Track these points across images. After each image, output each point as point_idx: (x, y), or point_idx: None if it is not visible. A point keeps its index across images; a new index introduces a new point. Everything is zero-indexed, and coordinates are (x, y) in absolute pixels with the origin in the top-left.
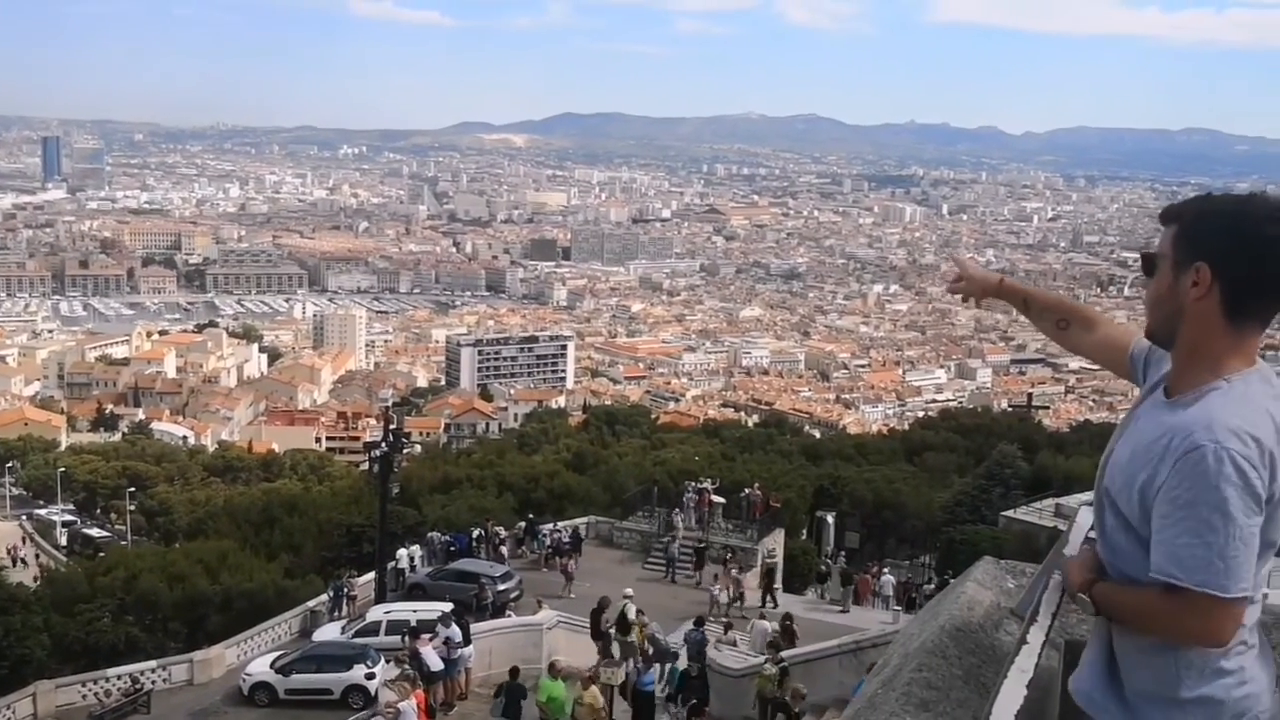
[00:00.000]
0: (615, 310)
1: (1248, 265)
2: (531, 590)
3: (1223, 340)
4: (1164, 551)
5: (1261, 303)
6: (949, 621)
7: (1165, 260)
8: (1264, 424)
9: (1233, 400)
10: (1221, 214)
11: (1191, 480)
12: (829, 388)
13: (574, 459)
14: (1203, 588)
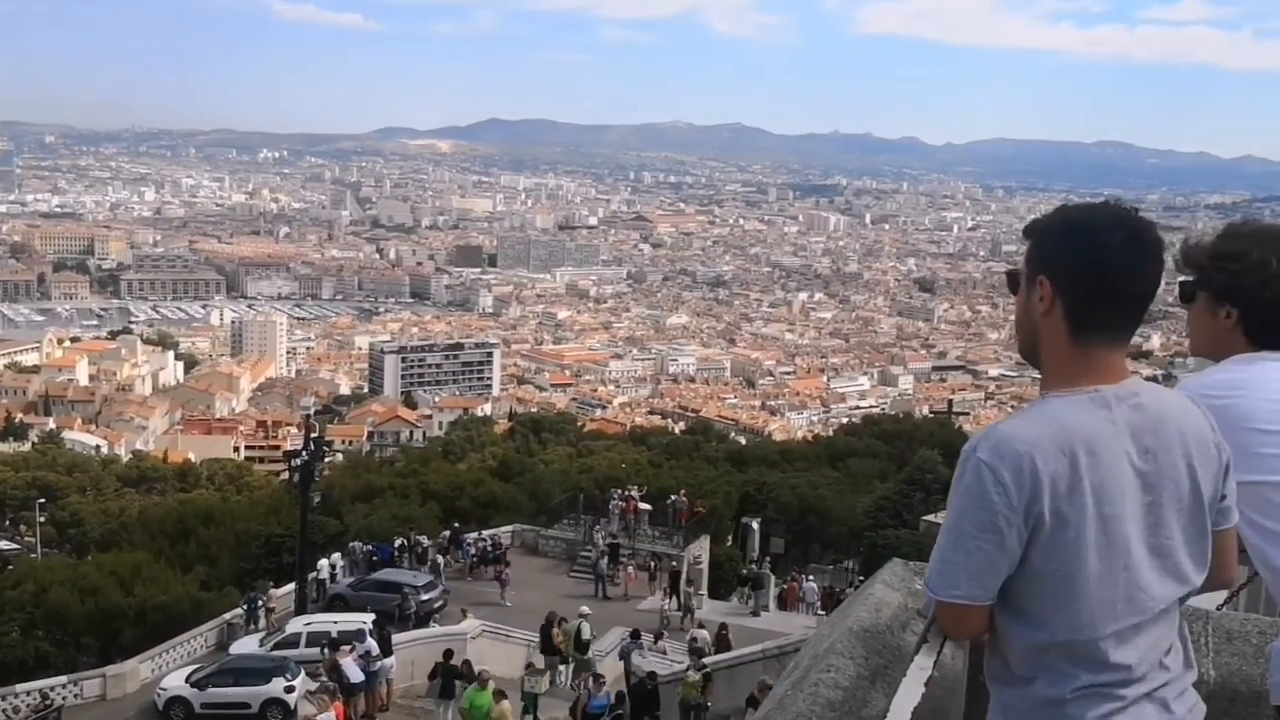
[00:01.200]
0: (541, 317)
1: (1087, 276)
2: (458, 600)
3: (1069, 357)
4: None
5: (1105, 315)
6: (857, 623)
7: (1023, 276)
8: (1045, 443)
9: (1029, 416)
10: (1064, 225)
11: (952, 486)
12: (755, 395)
13: (500, 467)
14: (926, 584)
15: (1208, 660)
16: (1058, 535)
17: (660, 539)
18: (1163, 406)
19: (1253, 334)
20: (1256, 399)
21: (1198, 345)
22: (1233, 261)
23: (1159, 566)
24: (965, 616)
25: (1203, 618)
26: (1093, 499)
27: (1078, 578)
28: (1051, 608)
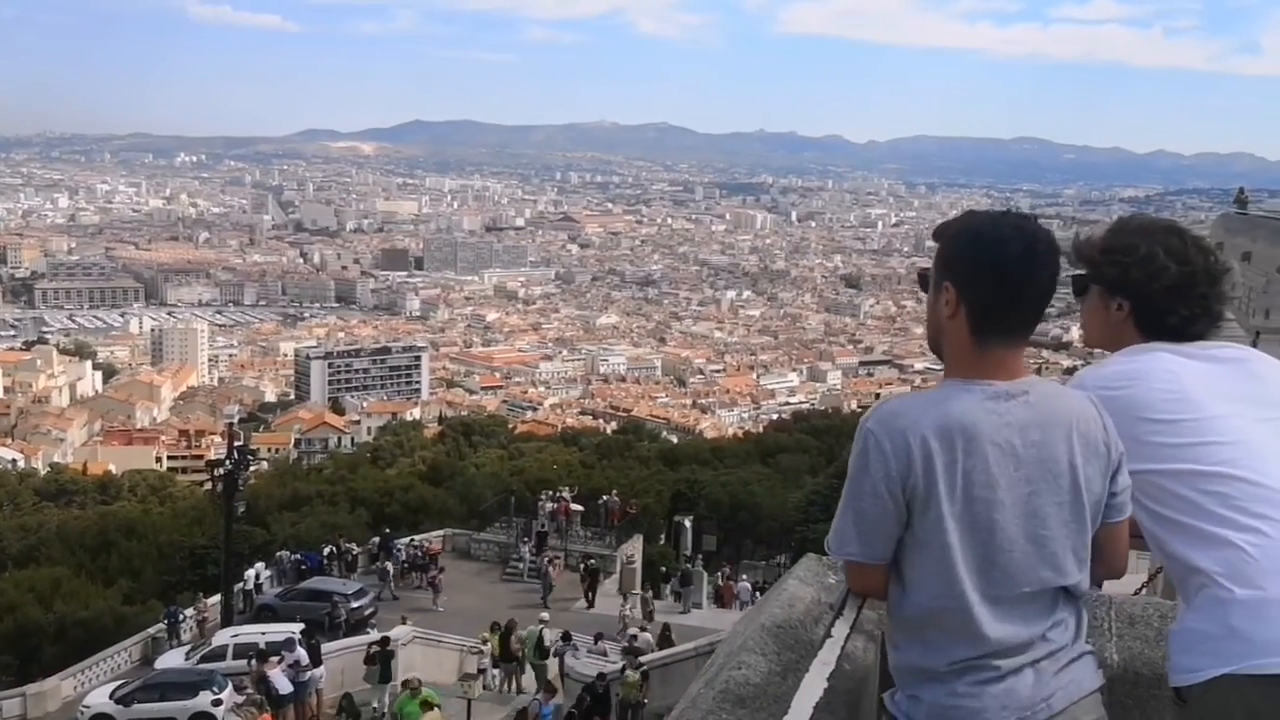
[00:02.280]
0: (470, 320)
1: (988, 284)
2: (388, 607)
3: (970, 356)
4: None
5: (1004, 318)
6: (769, 619)
7: (930, 278)
8: (927, 421)
9: (921, 396)
10: (967, 233)
11: (851, 454)
12: (685, 393)
13: (429, 471)
14: (825, 543)
15: (1111, 644)
16: (929, 509)
17: (593, 540)
18: (1052, 404)
19: (1144, 325)
20: (1148, 389)
21: (1092, 338)
22: (1123, 255)
23: (1035, 554)
24: (861, 574)
25: (1106, 602)
26: (964, 480)
27: (946, 551)
28: (923, 576)
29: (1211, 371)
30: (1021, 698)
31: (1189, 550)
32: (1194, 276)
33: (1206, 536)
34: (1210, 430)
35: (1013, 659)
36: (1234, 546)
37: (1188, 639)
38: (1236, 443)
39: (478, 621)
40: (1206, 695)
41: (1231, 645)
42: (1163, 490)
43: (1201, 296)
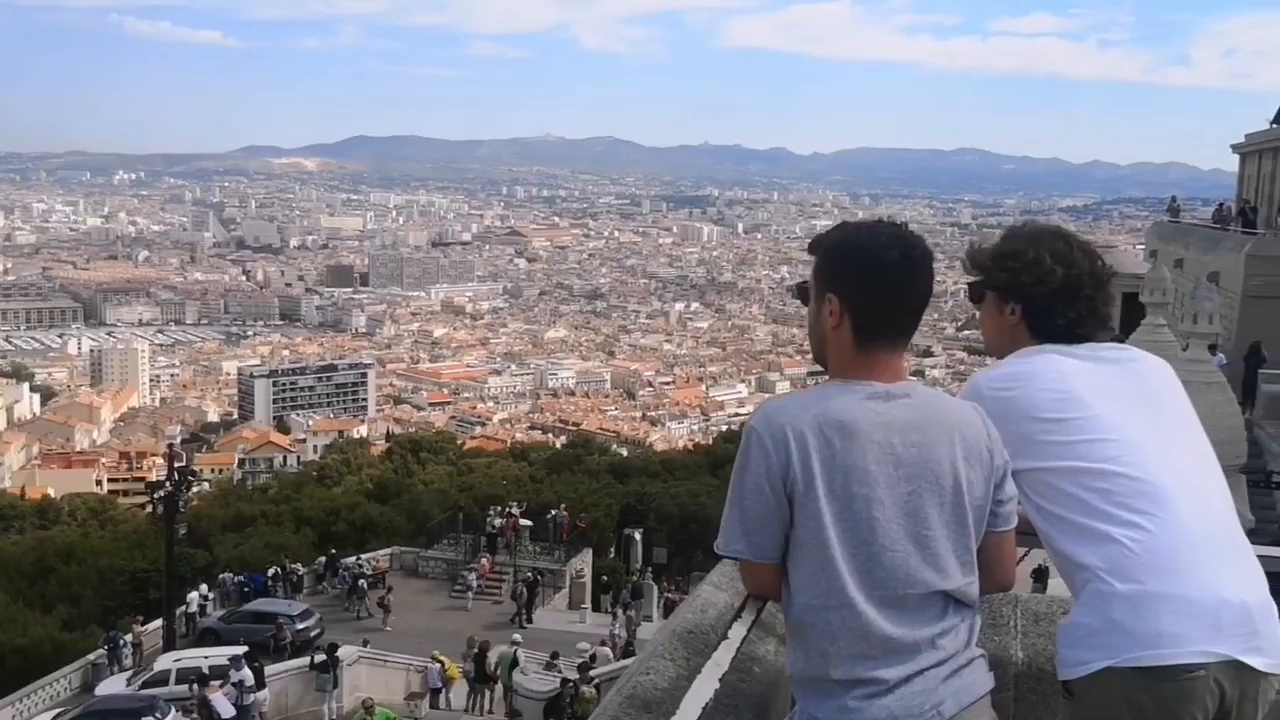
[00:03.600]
0: (417, 336)
1: (870, 293)
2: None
3: (853, 360)
4: None
5: (885, 324)
6: (680, 624)
7: (811, 290)
8: (807, 419)
9: (803, 396)
10: (846, 244)
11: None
12: (635, 406)
13: (376, 489)
14: (716, 545)
15: (1016, 642)
16: (808, 505)
17: (542, 554)
18: (934, 407)
19: (1035, 328)
20: (1038, 389)
21: (989, 342)
22: (1013, 261)
23: (918, 554)
24: (754, 574)
25: (1012, 601)
26: (843, 477)
27: (825, 549)
28: (805, 575)
29: (1097, 371)
30: (911, 707)
31: (1075, 546)
32: (1080, 280)
33: (1091, 532)
34: (1095, 428)
35: (900, 667)
36: (1116, 542)
37: (1074, 633)
38: (1120, 440)
39: (427, 640)
40: (1091, 688)
41: (1113, 638)
42: (1051, 487)
43: (1088, 299)
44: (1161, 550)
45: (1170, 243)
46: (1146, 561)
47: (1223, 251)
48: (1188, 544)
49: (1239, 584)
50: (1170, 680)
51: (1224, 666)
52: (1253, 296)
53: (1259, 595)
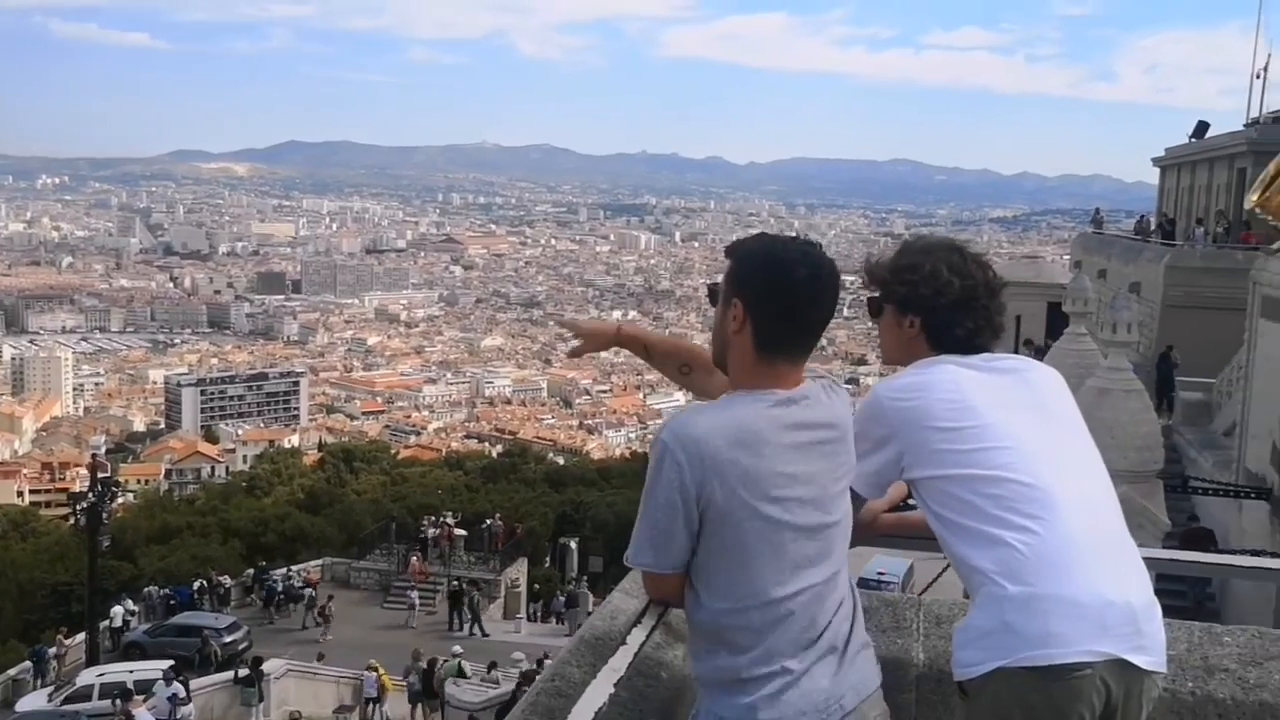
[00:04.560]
0: (350, 344)
1: (774, 304)
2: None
3: (755, 369)
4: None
5: (788, 336)
6: (589, 631)
7: (720, 294)
8: (721, 431)
9: (712, 408)
10: (758, 255)
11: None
12: (572, 414)
13: (307, 499)
14: (626, 557)
15: (918, 644)
16: (728, 514)
17: (476, 564)
18: (830, 403)
19: (933, 340)
20: (935, 399)
21: (889, 354)
22: (910, 274)
23: (823, 548)
24: (657, 583)
25: (914, 604)
26: (757, 484)
27: (744, 552)
28: (723, 582)
29: (992, 381)
30: (817, 700)
31: (970, 550)
32: (975, 290)
33: (985, 537)
34: (989, 436)
35: (805, 656)
36: (1008, 545)
37: (969, 635)
38: (1012, 447)
39: (361, 652)
40: (985, 687)
41: (1006, 639)
42: (947, 494)
43: (983, 309)
44: (1050, 553)
45: (1094, 253)
46: (1036, 564)
47: (1143, 262)
48: (1075, 547)
49: (1124, 585)
50: (1058, 679)
51: (1110, 665)
52: (1171, 306)
53: (1143, 596)
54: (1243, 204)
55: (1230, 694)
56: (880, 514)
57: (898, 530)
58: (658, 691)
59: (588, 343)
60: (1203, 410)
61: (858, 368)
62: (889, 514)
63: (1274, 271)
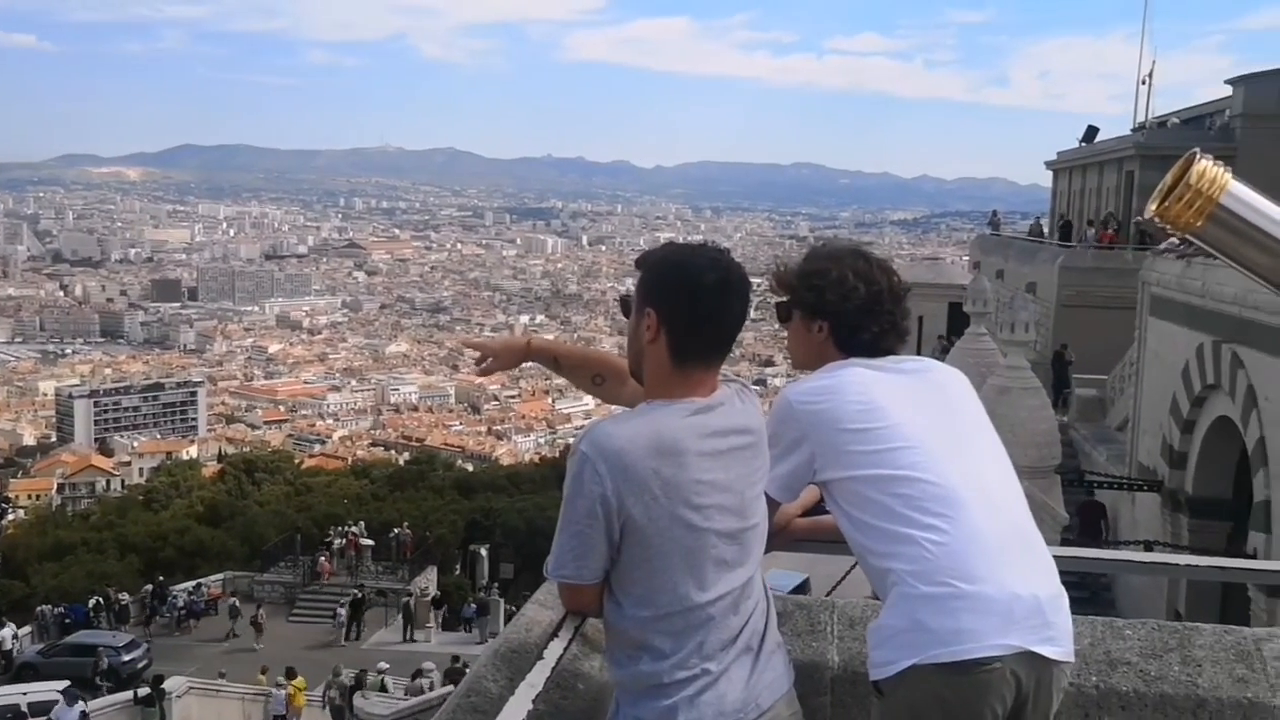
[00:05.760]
0: (251, 352)
1: (686, 312)
2: (165, 657)
3: (670, 378)
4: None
5: (701, 343)
6: (504, 644)
7: (633, 305)
8: (640, 440)
9: (630, 417)
10: (667, 264)
11: (566, 477)
12: (480, 420)
13: (207, 512)
14: (544, 568)
15: (832, 646)
16: (649, 522)
17: (384, 574)
18: (745, 414)
19: (841, 343)
20: (844, 401)
21: (798, 359)
22: (818, 279)
23: (737, 553)
24: (575, 594)
25: (828, 607)
26: (681, 491)
27: (667, 560)
28: (646, 590)
29: (899, 383)
30: (734, 700)
31: (881, 550)
32: (880, 295)
33: (895, 536)
34: (898, 437)
35: (723, 658)
36: (918, 545)
37: (882, 634)
38: (919, 447)
39: (262, 666)
40: (899, 686)
41: (918, 637)
42: (859, 495)
43: (889, 313)
44: (959, 551)
45: (992, 254)
46: (945, 563)
47: (1039, 263)
48: (983, 544)
49: (1031, 579)
50: (970, 674)
51: (1019, 658)
52: (1066, 305)
53: (1050, 588)
54: (1132, 206)
55: (1133, 687)
56: (793, 518)
57: (811, 534)
58: (574, 703)
59: (498, 360)
60: (1097, 406)
61: (765, 369)
62: (802, 519)
63: (1162, 271)
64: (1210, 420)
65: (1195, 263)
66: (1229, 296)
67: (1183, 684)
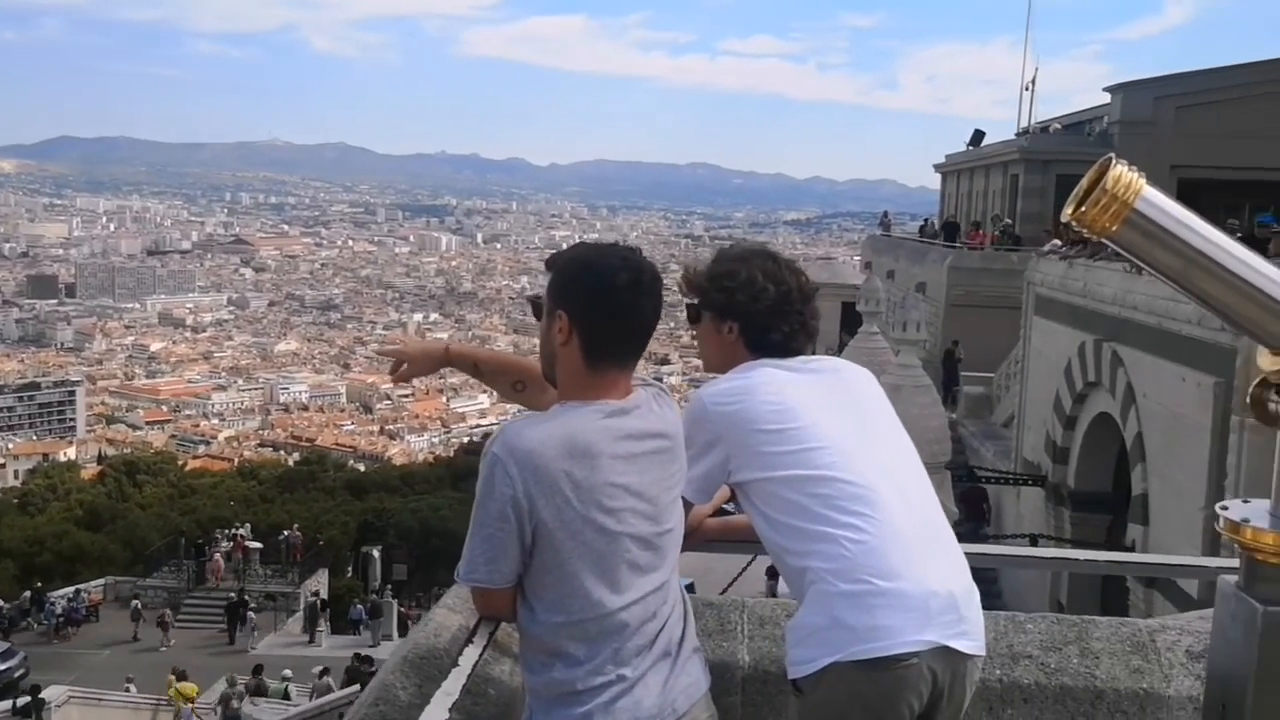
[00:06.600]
0: (132, 350)
1: (598, 313)
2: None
3: (584, 380)
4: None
5: (614, 345)
6: (412, 650)
7: (544, 307)
8: (553, 442)
9: (542, 419)
10: (578, 264)
11: (478, 480)
12: (372, 420)
13: (87, 516)
14: (455, 572)
15: (743, 646)
16: (562, 526)
17: (274, 577)
18: (661, 417)
19: (752, 344)
20: (758, 402)
21: (709, 361)
22: (727, 280)
23: (651, 558)
24: (488, 599)
25: (739, 606)
26: (594, 494)
27: (580, 564)
28: (559, 595)
29: (810, 382)
30: (650, 706)
31: (799, 549)
32: (789, 296)
33: (813, 536)
34: (811, 437)
35: (639, 663)
36: (836, 543)
37: (801, 633)
38: (833, 447)
39: (147, 674)
40: (819, 683)
41: (837, 635)
42: (775, 496)
43: (798, 314)
44: (877, 549)
45: (883, 255)
46: (864, 561)
47: (928, 263)
48: (900, 541)
49: (946, 575)
50: (887, 670)
51: (935, 653)
52: (954, 305)
53: (963, 584)
54: (1017, 208)
55: (1034, 679)
56: (705, 519)
57: (723, 535)
58: (485, 709)
59: (415, 365)
60: (983, 403)
61: (661, 367)
62: (713, 519)
63: (1046, 272)
64: (1091, 416)
65: (1077, 264)
66: (1109, 297)
67: (1082, 676)
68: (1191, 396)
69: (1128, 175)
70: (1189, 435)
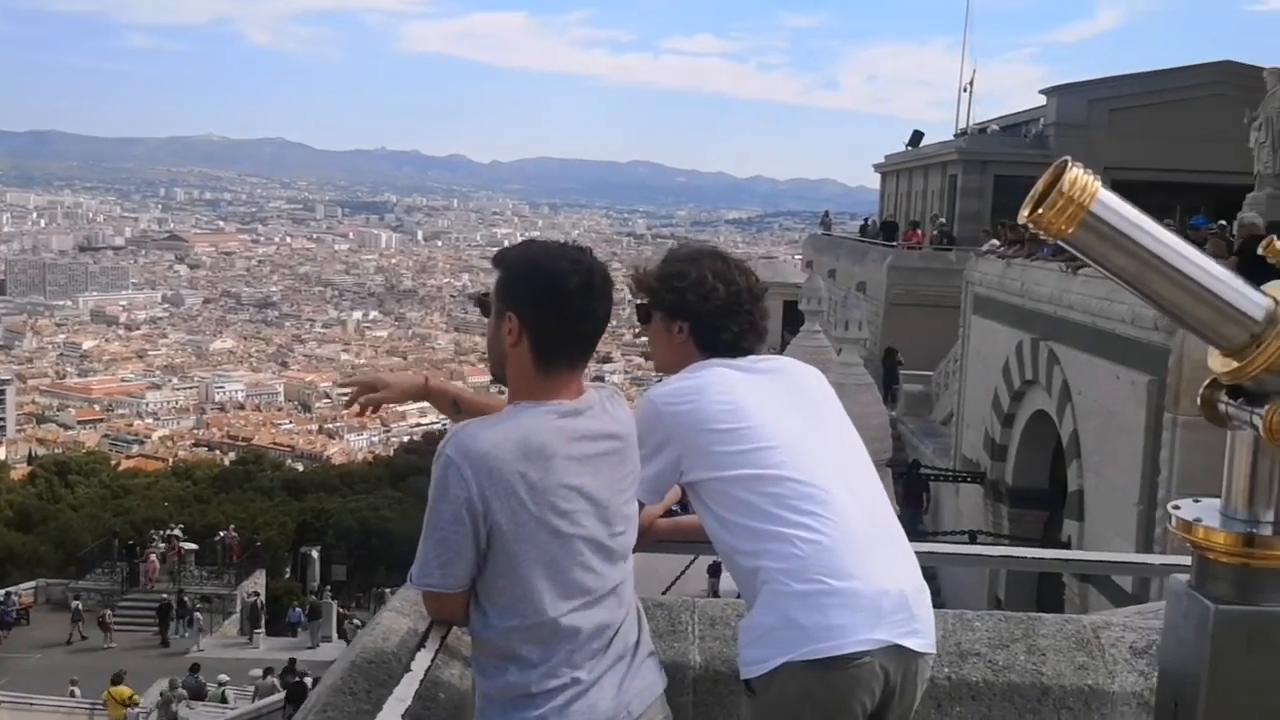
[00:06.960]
0: (63, 348)
1: (548, 315)
2: None
3: (535, 381)
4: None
5: (565, 346)
6: (360, 655)
7: (492, 306)
8: (508, 444)
9: (496, 421)
10: (528, 264)
11: (431, 483)
12: (311, 419)
13: (17, 517)
14: (409, 576)
15: (694, 646)
16: (516, 528)
17: (210, 579)
18: (613, 413)
19: (702, 344)
20: (708, 402)
21: (659, 361)
22: (677, 280)
23: (606, 559)
24: (441, 602)
25: (689, 607)
26: (545, 497)
27: (533, 567)
28: (513, 599)
29: (760, 382)
30: (605, 709)
31: (750, 549)
32: (739, 295)
33: (765, 535)
34: (762, 436)
35: (594, 666)
36: (788, 542)
37: (753, 633)
38: (785, 447)
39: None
40: (771, 683)
41: (789, 635)
42: (727, 495)
43: (748, 313)
44: (830, 548)
45: (824, 254)
46: (816, 560)
47: (869, 263)
48: (852, 540)
49: (897, 574)
50: (840, 669)
51: (887, 651)
52: (894, 304)
53: (914, 582)
54: (955, 208)
55: (982, 676)
56: (656, 519)
57: (673, 535)
58: (436, 713)
59: (390, 392)
60: (923, 401)
61: (604, 365)
62: (663, 519)
63: (984, 272)
64: (1029, 414)
65: (1015, 264)
66: (1045, 296)
67: (1029, 673)
68: (1125, 394)
69: (1084, 178)
70: (1123, 432)
